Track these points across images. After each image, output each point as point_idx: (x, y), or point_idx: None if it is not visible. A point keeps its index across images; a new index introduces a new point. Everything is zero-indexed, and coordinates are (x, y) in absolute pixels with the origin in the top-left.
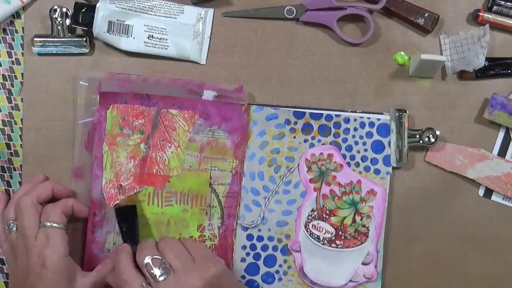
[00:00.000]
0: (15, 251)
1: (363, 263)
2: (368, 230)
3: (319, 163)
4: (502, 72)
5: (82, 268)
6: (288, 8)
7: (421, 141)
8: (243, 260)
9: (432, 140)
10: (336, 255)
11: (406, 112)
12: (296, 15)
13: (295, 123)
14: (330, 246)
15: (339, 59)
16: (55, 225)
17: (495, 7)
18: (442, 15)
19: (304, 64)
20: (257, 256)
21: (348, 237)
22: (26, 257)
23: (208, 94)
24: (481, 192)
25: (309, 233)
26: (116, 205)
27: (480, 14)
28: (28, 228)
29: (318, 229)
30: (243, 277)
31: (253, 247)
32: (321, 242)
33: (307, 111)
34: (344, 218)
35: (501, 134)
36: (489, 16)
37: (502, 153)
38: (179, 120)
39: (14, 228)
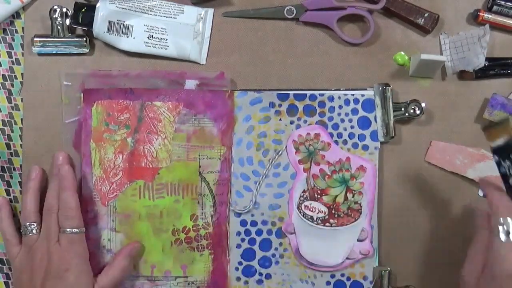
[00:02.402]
0: (34, 254)
1: (359, 240)
2: (361, 206)
3: (307, 143)
4: (502, 72)
5: None
6: (288, 8)
7: (406, 114)
8: (238, 246)
9: (417, 112)
10: (331, 234)
11: (390, 86)
12: (296, 15)
13: (280, 105)
14: (324, 225)
15: (339, 59)
16: (77, 230)
17: (495, 7)
18: (442, 15)
19: (304, 64)
20: (252, 241)
21: (342, 215)
22: (47, 260)
23: (190, 83)
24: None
25: (302, 214)
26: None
27: (480, 14)
28: (54, 232)
29: (311, 209)
30: (240, 263)
31: (247, 232)
32: (315, 222)
33: (291, 92)
34: (336, 196)
35: None
36: (489, 16)
37: None
38: (164, 111)
39: (34, 230)
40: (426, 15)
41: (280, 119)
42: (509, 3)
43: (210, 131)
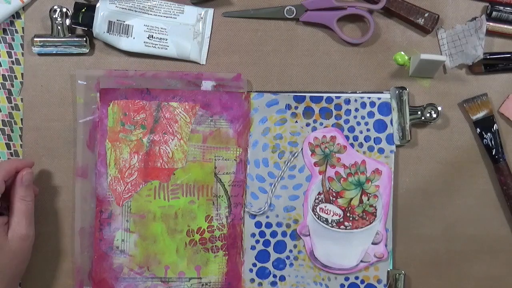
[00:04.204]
0: None
1: (373, 243)
2: (376, 209)
3: (323, 146)
4: (510, 66)
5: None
6: (288, 8)
7: (423, 117)
8: (253, 248)
9: (434, 115)
10: (346, 237)
11: (406, 90)
12: (296, 15)
13: (296, 107)
14: (339, 228)
15: (339, 59)
16: None
17: (494, 13)
18: (442, 15)
19: (304, 64)
20: (266, 243)
21: (356, 218)
22: None
23: (207, 84)
24: None
25: (317, 216)
26: None
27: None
28: None
29: (326, 212)
30: (254, 264)
31: (262, 234)
32: (330, 225)
33: (307, 95)
34: (351, 199)
35: None
36: (489, 24)
37: None
38: (180, 112)
39: None
40: (426, 15)
41: (296, 121)
42: (508, 8)
43: (226, 132)
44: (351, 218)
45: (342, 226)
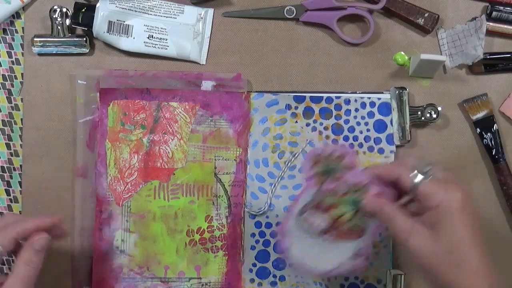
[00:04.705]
0: None
1: (354, 256)
2: (366, 228)
3: (328, 161)
4: (510, 66)
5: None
6: (288, 8)
7: (423, 117)
8: (253, 248)
9: (434, 115)
10: (327, 246)
11: (406, 90)
12: (296, 15)
13: (296, 107)
14: (322, 237)
15: (339, 59)
16: None
17: (494, 13)
18: (442, 15)
19: (304, 64)
20: (266, 243)
21: (343, 231)
22: None
23: (207, 84)
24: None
25: (302, 220)
26: None
27: None
28: None
29: (312, 219)
30: (254, 264)
31: (262, 234)
32: (313, 233)
33: (307, 95)
34: (343, 214)
35: None
36: (489, 24)
37: None
38: (180, 112)
39: None
40: (426, 15)
41: (296, 121)
42: (508, 8)
43: (226, 132)
44: (336, 230)
45: (325, 236)
